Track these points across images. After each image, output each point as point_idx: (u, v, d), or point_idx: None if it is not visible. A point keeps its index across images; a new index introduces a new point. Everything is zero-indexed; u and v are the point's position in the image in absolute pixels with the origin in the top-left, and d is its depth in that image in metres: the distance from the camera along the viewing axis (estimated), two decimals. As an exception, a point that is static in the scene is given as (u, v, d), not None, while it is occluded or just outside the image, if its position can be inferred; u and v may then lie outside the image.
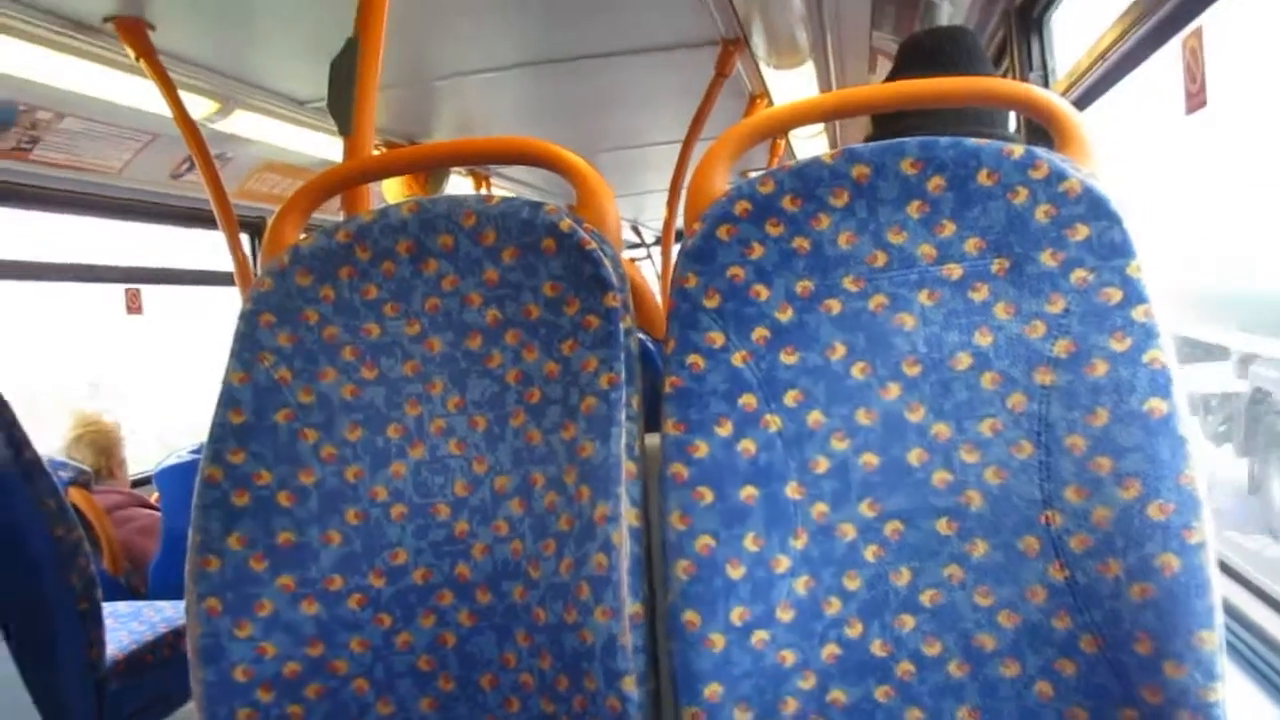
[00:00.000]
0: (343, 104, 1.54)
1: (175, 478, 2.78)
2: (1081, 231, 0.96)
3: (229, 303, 3.83)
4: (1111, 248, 0.95)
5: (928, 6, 2.80)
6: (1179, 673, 0.89)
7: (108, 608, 2.08)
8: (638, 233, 8.21)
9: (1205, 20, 1.35)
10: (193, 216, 3.58)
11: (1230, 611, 1.36)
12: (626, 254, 1.12)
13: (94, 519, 2.76)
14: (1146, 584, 0.90)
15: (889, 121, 1.46)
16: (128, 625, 2.26)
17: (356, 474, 1.10)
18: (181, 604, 1.09)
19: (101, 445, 3.09)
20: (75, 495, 2.70)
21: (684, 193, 1.14)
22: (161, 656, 2.19)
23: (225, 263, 3.09)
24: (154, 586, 2.79)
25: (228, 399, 1.10)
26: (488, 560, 1.08)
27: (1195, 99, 1.32)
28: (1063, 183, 0.97)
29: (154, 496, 3.10)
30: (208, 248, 3.63)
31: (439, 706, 1.08)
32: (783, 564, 0.99)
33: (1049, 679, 0.96)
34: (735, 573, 0.98)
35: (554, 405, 1.07)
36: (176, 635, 2.25)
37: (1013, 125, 2.47)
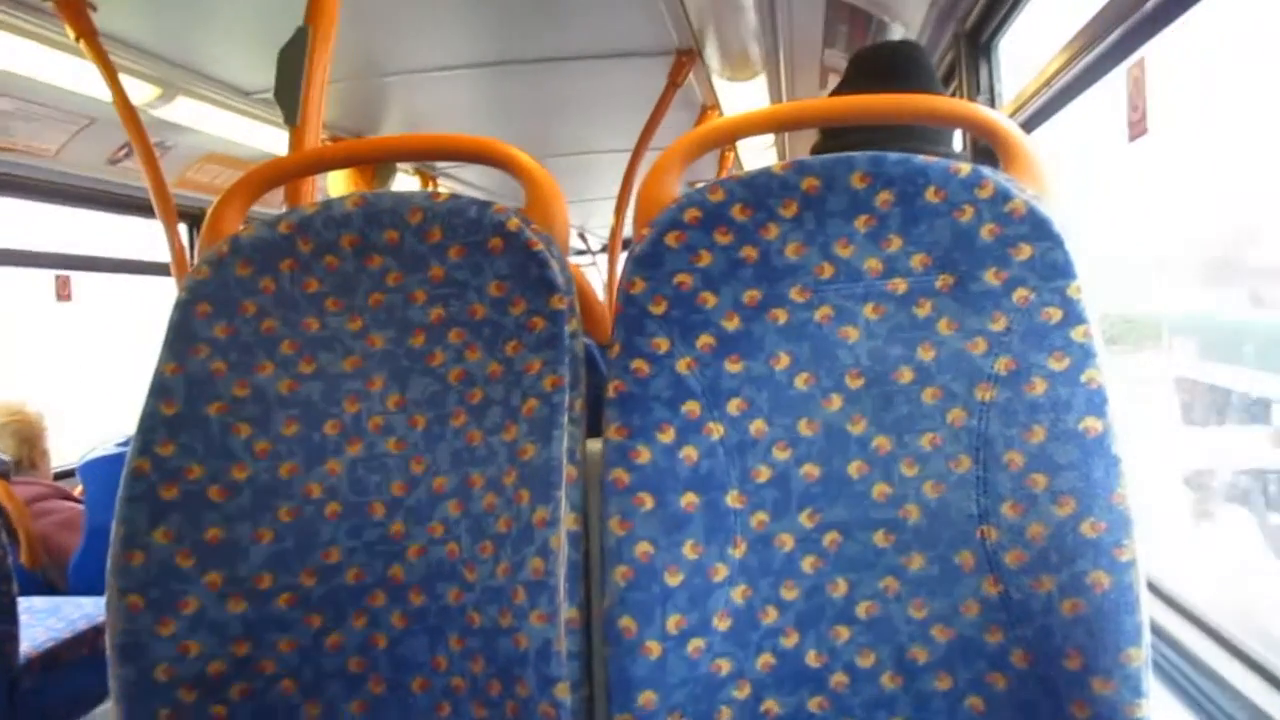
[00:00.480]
0: (290, 93, 1.51)
1: (100, 470, 2.70)
2: (1025, 251, 0.98)
3: (165, 292, 3.74)
4: (1053, 268, 0.97)
5: (879, 27, 2.84)
6: (1107, 689, 0.90)
7: (24, 603, 2.01)
8: (584, 239, 8.21)
9: (1147, 51, 1.38)
10: (129, 204, 3.50)
11: (1157, 631, 1.39)
12: (573, 260, 1.11)
13: (12, 511, 2.67)
14: (1078, 600, 0.92)
15: (836, 134, 1.47)
16: (44, 622, 2.19)
17: (290, 470, 1.08)
18: (102, 600, 1.06)
19: (24, 435, 3.00)
20: (-7, 486, 2.62)
21: (633, 201, 1.13)
22: (80, 654, 2.13)
23: (161, 252, 3.02)
24: (74, 582, 2.72)
25: (159, 389, 1.07)
26: (422, 561, 1.06)
27: (1137, 126, 1.36)
28: (1008, 203, 0.98)
29: (77, 489, 3.01)
30: (143, 236, 3.56)
31: (368, 709, 1.06)
32: (721, 572, 0.99)
33: (980, 693, 0.97)
34: (673, 580, 0.98)
35: (496, 406, 1.06)
36: (96, 632, 2.18)
37: (959, 144, 2.51)
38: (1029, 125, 1.96)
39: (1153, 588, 1.54)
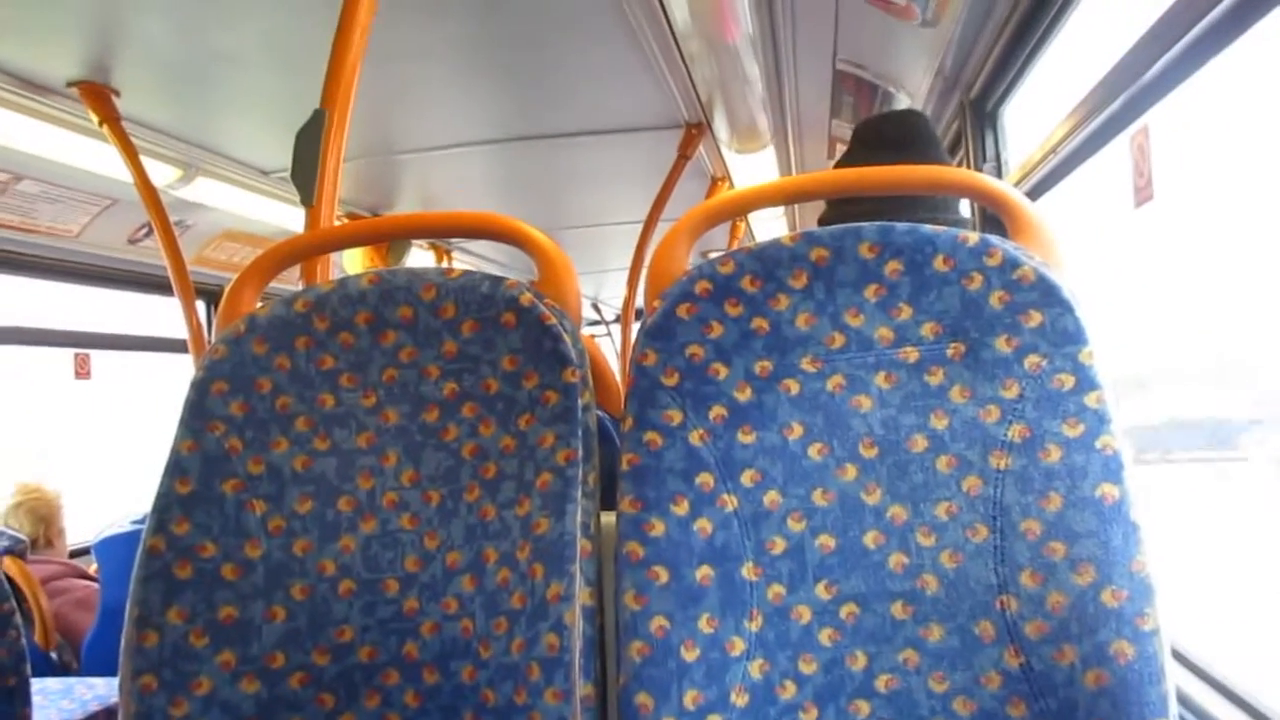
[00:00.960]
0: (306, 174, 1.54)
1: (115, 549, 2.70)
2: (1035, 318, 0.98)
3: (183, 370, 3.77)
4: (1064, 334, 0.97)
5: (885, 97, 2.88)
6: None
7: (37, 684, 2.00)
8: (598, 310, 8.26)
9: (1151, 118, 1.40)
10: (149, 282, 3.55)
11: (1184, 702, 1.36)
12: (586, 331, 1.12)
13: (27, 590, 2.66)
14: (1101, 671, 0.90)
15: (843, 204, 1.48)
16: (57, 703, 2.17)
17: (304, 547, 1.08)
18: (115, 681, 1.05)
19: (41, 514, 3.00)
20: (9, 565, 2.60)
21: (645, 272, 1.14)
22: (92, 736, 2.10)
23: (179, 330, 3.05)
24: (88, 662, 2.69)
25: (174, 468, 1.08)
26: (436, 639, 1.05)
27: (1143, 193, 1.37)
28: (1016, 270, 0.99)
29: (92, 568, 3.00)
30: (163, 314, 3.60)
31: None
32: (737, 646, 0.98)
33: None
34: (689, 655, 0.96)
35: (509, 480, 1.06)
36: (109, 714, 2.16)
37: (966, 211, 2.53)
38: (1035, 192, 1.97)
39: (1179, 658, 1.51)
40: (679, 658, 0.96)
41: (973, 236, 1.01)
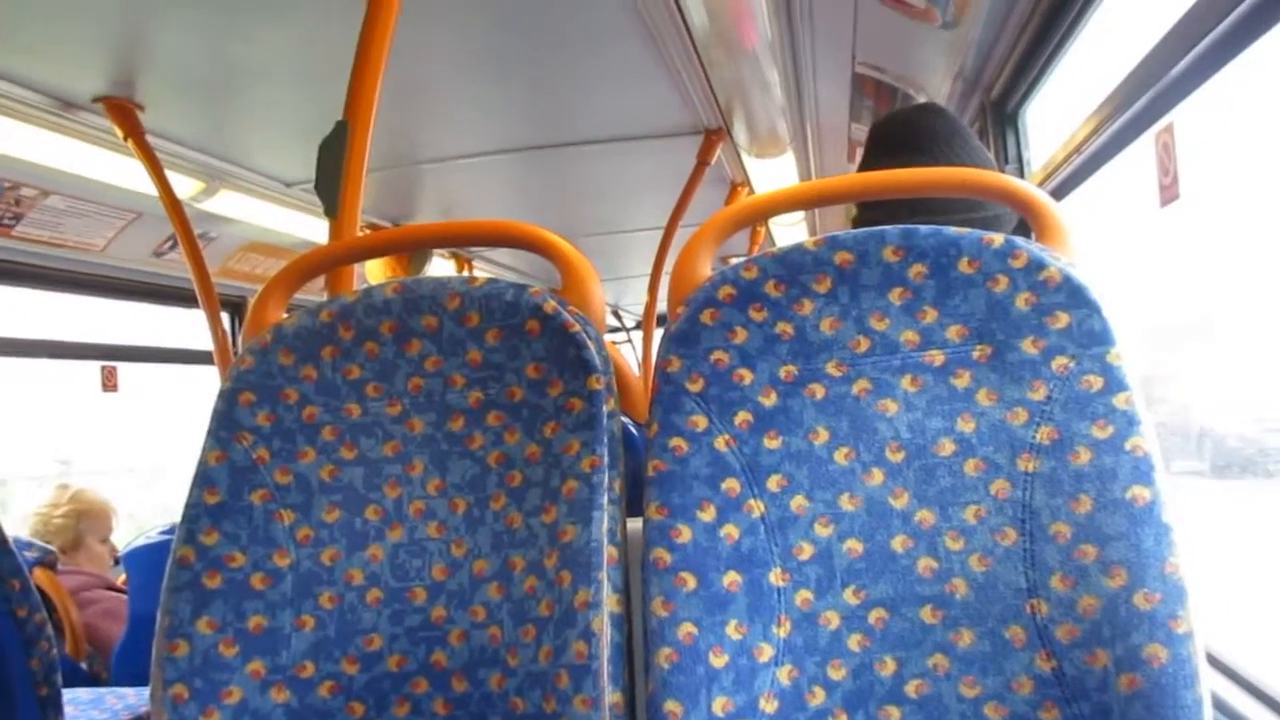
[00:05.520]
0: (329, 186, 1.55)
1: (144, 559, 2.71)
2: (1062, 319, 0.97)
3: (208, 381, 3.80)
4: (1091, 335, 0.97)
5: (904, 99, 2.87)
6: None
7: (68, 694, 2.01)
8: (618, 317, 8.26)
9: (1176, 116, 1.38)
10: (174, 295, 3.58)
11: (1220, 706, 1.34)
12: (607, 338, 1.12)
13: (58, 601, 2.69)
14: (1134, 675, 0.89)
15: (874, 207, 1.44)
16: (88, 713, 2.19)
17: (332, 556, 1.08)
18: (145, 690, 1.06)
19: (83, 513, 3.03)
20: (39, 576, 2.63)
21: (665, 278, 1.14)
22: (122, 746, 2.11)
23: (204, 341, 3.08)
24: (117, 672, 2.71)
25: (203, 478, 1.08)
26: (464, 647, 1.05)
27: (1168, 191, 1.35)
28: (1042, 271, 0.98)
29: (121, 579, 3.03)
30: (187, 326, 3.63)
31: None
32: (766, 652, 0.97)
33: None
34: (718, 661, 0.96)
35: (535, 488, 1.06)
36: (138, 723, 2.17)
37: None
38: (1059, 193, 1.96)
39: (1214, 661, 1.49)
40: (707, 664, 0.96)
41: (997, 238, 1.00)
